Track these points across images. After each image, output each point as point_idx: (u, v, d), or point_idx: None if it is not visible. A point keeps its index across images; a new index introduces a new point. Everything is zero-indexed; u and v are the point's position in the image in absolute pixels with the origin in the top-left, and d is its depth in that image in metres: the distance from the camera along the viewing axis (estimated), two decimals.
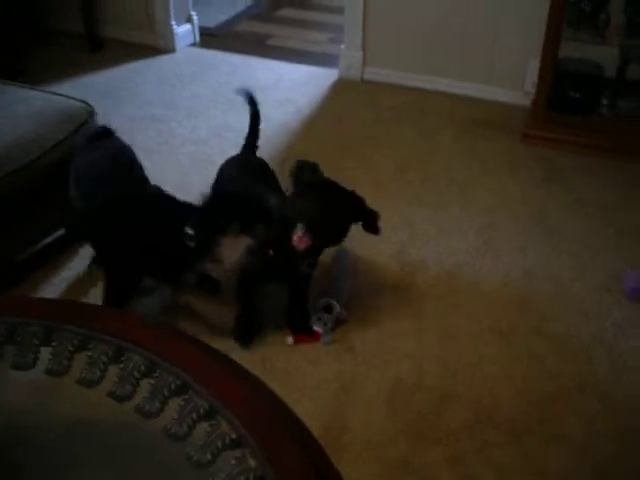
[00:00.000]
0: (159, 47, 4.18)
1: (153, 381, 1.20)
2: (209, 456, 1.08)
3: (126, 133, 3.24)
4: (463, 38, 3.54)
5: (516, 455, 1.86)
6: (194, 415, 1.13)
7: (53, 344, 1.29)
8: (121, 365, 1.24)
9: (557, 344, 2.21)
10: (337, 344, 2.18)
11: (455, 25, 3.53)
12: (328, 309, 2.21)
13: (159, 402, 1.17)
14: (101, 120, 2.77)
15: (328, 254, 2.47)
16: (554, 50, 3.06)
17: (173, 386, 1.19)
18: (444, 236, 2.67)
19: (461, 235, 2.67)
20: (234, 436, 1.09)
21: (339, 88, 3.77)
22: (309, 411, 1.98)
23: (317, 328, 2.20)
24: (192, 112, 3.52)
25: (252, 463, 1.05)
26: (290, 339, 2.16)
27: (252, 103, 2.54)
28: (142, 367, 1.22)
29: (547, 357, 2.16)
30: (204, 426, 1.12)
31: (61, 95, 2.41)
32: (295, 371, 2.10)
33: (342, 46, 3.83)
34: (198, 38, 4.33)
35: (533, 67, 3.29)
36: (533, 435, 1.92)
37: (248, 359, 2.12)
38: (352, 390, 2.04)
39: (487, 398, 2.02)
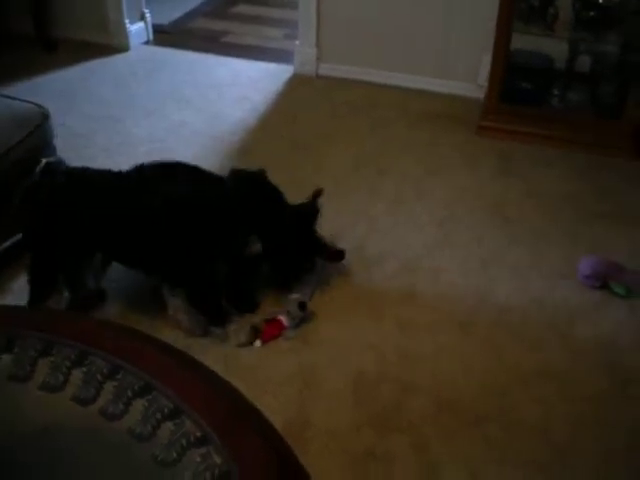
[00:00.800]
0: (113, 46, 4.16)
1: (116, 383, 1.21)
2: (174, 455, 1.10)
3: (85, 134, 3.26)
4: (416, 32, 3.59)
5: (478, 442, 1.91)
6: (158, 415, 1.15)
7: (15, 350, 1.30)
8: (84, 369, 1.25)
9: (514, 333, 2.26)
10: (299, 339, 2.21)
11: (408, 20, 3.57)
12: (302, 306, 2.23)
13: (123, 404, 1.18)
14: (58, 121, 2.75)
15: None
16: (505, 43, 3.12)
17: (136, 387, 1.20)
18: (402, 229, 2.70)
19: (418, 228, 2.71)
20: (198, 434, 1.11)
21: (294, 84, 3.79)
22: (273, 407, 2.00)
23: (284, 321, 2.21)
24: (148, 111, 3.51)
25: (217, 459, 1.07)
26: (258, 342, 2.18)
27: None
28: (105, 370, 1.23)
29: (505, 346, 2.21)
30: (168, 425, 1.14)
31: (14, 98, 2.39)
32: (258, 367, 2.12)
33: (296, 42, 3.85)
34: (152, 36, 4.31)
35: (486, 60, 3.34)
36: (494, 422, 1.96)
37: (210, 356, 2.14)
38: (315, 384, 2.07)
39: (448, 388, 2.07)
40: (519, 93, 3.30)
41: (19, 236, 2.38)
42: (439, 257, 2.57)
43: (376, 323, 2.28)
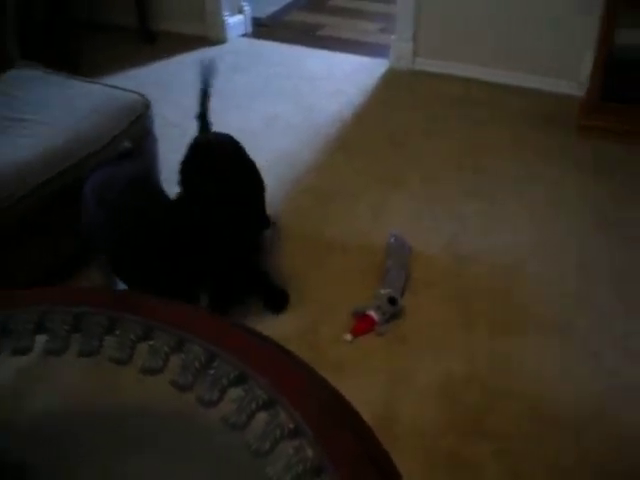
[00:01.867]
0: (211, 38, 4.22)
1: (213, 371, 1.23)
2: (268, 445, 1.11)
3: (180, 125, 3.32)
4: (516, 27, 3.50)
5: (572, 452, 1.85)
6: (253, 405, 1.16)
7: (117, 333, 1.33)
8: (182, 355, 1.27)
9: (617, 342, 2.18)
10: (389, 335, 2.19)
11: (509, 14, 3.49)
12: (392, 301, 2.22)
13: (218, 391, 1.20)
14: (153, 110, 2.81)
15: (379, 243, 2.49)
16: (609, 38, 3.01)
17: (232, 376, 1.21)
18: (497, 230, 2.65)
19: (514, 228, 2.65)
20: (292, 426, 1.11)
21: (390, 79, 3.77)
22: (360, 401, 1.97)
23: (374, 316, 2.20)
24: (243, 102, 3.55)
25: (309, 453, 1.07)
26: (348, 336, 2.18)
27: (205, 88, 2.55)
28: (202, 357, 1.25)
29: (605, 352, 2.14)
30: (263, 416, 1.15)
31: (118, 88, 2.45)
32: (347, 361, 2.12)
33: (393, 36, 3.82)
34: (250, 29, 4.36)
35: (589, 57, 3.24)
36: (588, 431, 1.90)
37: (301, 349, 2.14)
38: (403, 382, 2.05)
39: (541, 394, 2.01)
40: (624, 91, 3.18)
41: None
42: (536, 259, 2.50)
43: (467, 324, 2.24)
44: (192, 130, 3.07)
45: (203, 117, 2.50)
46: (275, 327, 2.24)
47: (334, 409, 1.19)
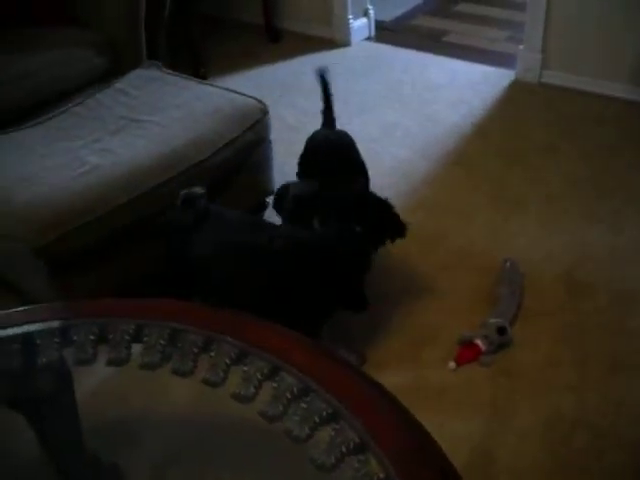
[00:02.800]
0: (335, 40, 4.19)
1: (305, 405, 1.19)
2: None
3: (298, 127, 3.30)
4: None
5: None
6: (344, 448, 1.11)
7: (211, 354, 1.31)
8: (274, 384, 1.24)
9: None
10: (495, 367, 2.09)
11: None
12: (502, 331, 2.12)
13: (309, 428, 1.15)
14: (273, 112, 2.79)
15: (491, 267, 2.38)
16: None
17: (324, 414, 1.17)
18: (618, 260, 2.48)
19: (637, 260, 2.48)
20: (382, 476, 1.06)
21: (515, 91, 3.61)
22: (459, 433, 1.92)
23: (481, 345, 2.11)
24: (363, 108, 3.50)
25: None
26: (452, 364, 2.09)
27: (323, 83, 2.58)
28: (295, 389, 1.21)
29: None
30: (352, 460, 1.10)
31: (236, 92, 2.45)
32: (449, 390, 2.04)
33: (521, 46, 3.67)
34: (373, 32, 4.30)
35: None
36: None
37: (403, 375, 2.09)
38: (505, 417, 1.95)
39: None
40: None
41: None
42: None
43: (581, 360, 2.11)
44: (310, 134, 3.05)
45: (328, 111, 2.57)
46: (377, 348, 2.19)
47: (424, 454, 1.12)
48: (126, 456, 1.36)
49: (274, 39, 4.26)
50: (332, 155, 2.38)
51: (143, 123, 2.27)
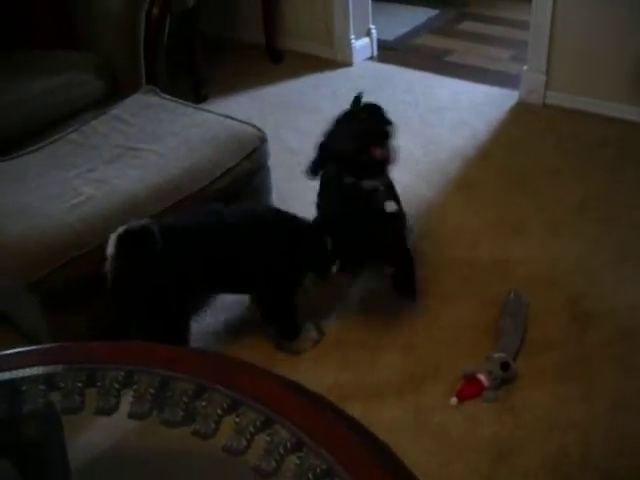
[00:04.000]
0: (337, 60, 4.16)
1: (298, 461, 1.15)
2: None
3: (298, 150, 3.27)
4: None
5: None
6: None
7: (203, 404, 1.27)
8: (267, 438, 1.19)
9: None
10: (499, 403, 2.04)
11: None
12: (505, 366, 2.06)
13: None
14: (273, 134, 2.76)
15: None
16: None
17: (318, 470, 1.12)
18: (626, 288, 2.43)
19: None
20: None
21: (518, 112, 3.57)
22: (461, 474, 1.86)
23: (484, 381, 2.06)
24: None
25: None
26: (454, 400, 2.04)
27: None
28: (288, 444, 1.17)
29: None
30: None
31: (235, 119, 2.41)
32: (450, 426, 1.98)
33: (524, 67, 3.63)
34: (376, 52, 4.27)
35: None
36: None
37: (402, 409, 2.03)
38: (510, 457, 1.89)
39: None
40: None
41: None
42: None
43: (586, 397, 2.05)
44: (310, 158, 3.01)
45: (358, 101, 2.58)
46: (378, 380, 2.14)
47: None
48: None
49: (276, 59, 4.24)
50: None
51: (139, 152, 2.24)
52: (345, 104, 3.66)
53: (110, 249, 1.80)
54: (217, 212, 2.04)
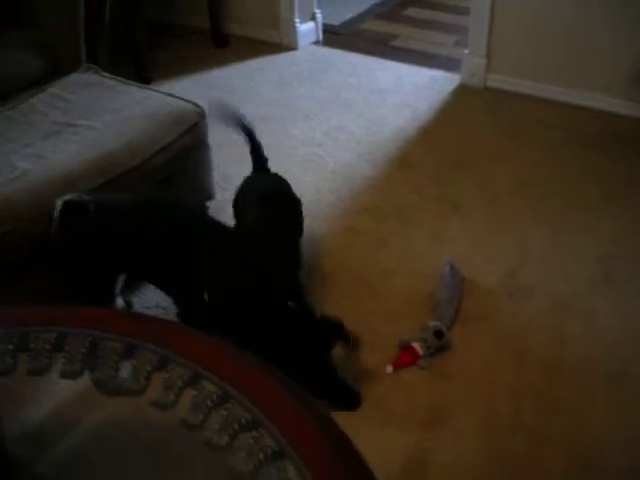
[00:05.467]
0: (282, 45, 4.18)
1: (225, 412, 1.17)
2: None
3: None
4: (597, 46, 3.32)
5: None
6: (261, 455, 1.09)
7: (133, 362, 1.28)
8: (195, 392, 1.21)
9: None
10: (432, 370, 2.09)
11: (588, 32, 3.31)
12: (439, 334, 2.11)
13: (228, 436, 1.13)
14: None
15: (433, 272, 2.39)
16: None
17: (244, 421, 1.15)
18: (559, 261, 2.51)
19: (578, 263, 2.50)
20: None
21: (460, 95, 3.64)
22: (396, 439, 1.91)
23: (418, 349, 2.11)
24: (308, 113, 3.49)
25: None
26: (390, 368, 2.09)
27: (241, 125, 2.39)
28: (215, 397, 1.19)
29: None
30: (270, 468, 1.08)
31: (174, 96, 2.42)
32: (386, 394, 2.03)
33: (465, 51, 3.69)
34: (321, 36, 4.30)
35: None
36: None
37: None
38: (443, 421, 1.95)
39: (589, 445, 1.88)
40: None
41: None
42: (597, 297, 2.35)
43: (518, 364, 2.11)
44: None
45: (256, 152, 2.40)
46: None
47: (345, 466, 1.10)
48: (41, 462, 1.32)
49: (221, 44, 4.23)
50: (264, 207, 2.25)
51: (77, 128, 2.23)
52: (288, 88, 3.72)
53: (56, 213, 1.87)
54: (149, 200, 2.05)
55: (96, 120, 2.26)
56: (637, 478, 1.80)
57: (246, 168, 2.40)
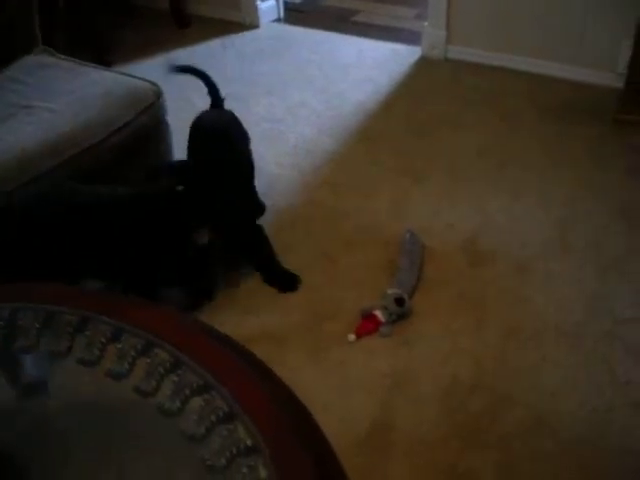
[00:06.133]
0: (244, 23, 4.17)
1: (177, 378, 1.19)
2: (223, 461, 1.07)
3: (205, 109, 3.28)
4: (551, 15, 3.35)
5: (572, 466, 1.77)
6: (212, 417, 1.12)
7: (87, 333, 1.30)
8: (148, 360, 1.23)
9: (628, 348, 2.08)
10: (394, 337, 2.12)
11: (543, 1, 3.34)
12: (400, 302, 2.14)
13: (180, 401, 1.16)
14: (182, 96, 2.73)
15: (392, 240, 2.42)
16: None
17: (195, 385, 1.17)
18: (517, 226, 2.55)
19: (535, 226, 2.54)
20: (249, 443, 1.07)
21: (421, 67, 3.66)
22: (360, 405, 1.94)
23: (380, 317, 2.14)
24: (270, 89, 3.49)
25: (263, 473, 1.03)
26: (352, 336, 2.12)
27: (193, 71, 2.60)
28: (167, 364, 1.21)
29: (618, 364, 2.03)
30: (221, 429, 1.10)
31: (131, 76, 2.42)
32: (349, 362, 2.06)
33: (425, 24, 3.71)
34: (282, 14, 4.29)
35: (627, 46, 3.09)
36: (594, 446, 1.81)
37: (305, 348, 2.10)
38: (405, 386, 1.98)
39: (547, 403, 1.93)
40: None
41: None
42: (553, 260, 2.39)
43: (478, 327, 2.16)
44: None
45: (212, 91, 2.57)
46: (279, 321, 2.20)
47: (297, 429, 1.13)
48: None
49: (183, 24, 4.21)
50: (211, 140, 2.31)
51: (33, 109, 2.22)
52: (250, 66, 3.72)
53: None
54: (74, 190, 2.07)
55: (52, 101, 2.25)
56: (588, 441, 1.83)
57: None
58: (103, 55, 3.75)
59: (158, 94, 2.37)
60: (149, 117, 2.34)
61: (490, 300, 2.25)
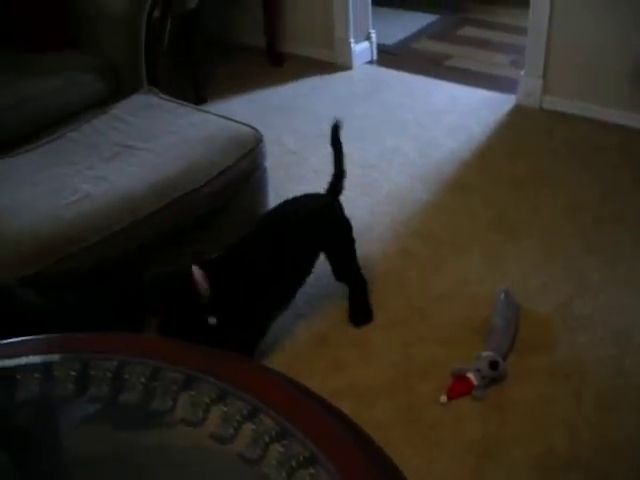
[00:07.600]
0: (337, 64, 4.20)
1: (282, 449, 1.17)
2: None
3: (297, 152, 3.31)
4: None
5: None
6: None
7: (192, 393, 1.30)
8: (253, 426, 1.22)
9: None
10: (487, 401, 2.07)
11: None
12: (494, 365, 2.09)
13: (286, 473, 1.14)
14: (272, 136, 2.74)
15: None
16: None
17: (301, 458, 1.15)
18: (616, 290, 2.46)
19: (635, 291, 2.45)
20: None
21: (515, 116, 3.60)
22: (448, 472, 1.89)
23: (473, 379, 2.09)
24: (362, 133, 3.49)
25: None
26: (444, 398, 2.07)
27: (337, 144, 2.34)
28: (273, 432, 1.20)
29: None
30: None
31: (232, 120, 2.44)
32: (440, 425, 2.01)
33: (522, 71, 3.66)
34: (375, 56, 4.31)
35: None
36: None
37: (395, 407, 2.06)
38: (497, 455, 1.92)
39: None
40: None
41: None
42: None
43: (574, 397, 2.08)
44: (309, 158, 3.02)
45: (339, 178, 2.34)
46: (370, 378, 2.17)
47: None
48: None
49: (276, 62, 4.27)
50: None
51: (137, 150, 2.27)
52: (344, 107, 3.72)
53: None
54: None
55: (155, 143, 2.30)
56: None
57: (300, 189, 2.40)
58: (199, 91, 3.84)
59: (259, 140, 2.39)
60: (249, 162, 2.36)
61: (587, 369, 2.17)
